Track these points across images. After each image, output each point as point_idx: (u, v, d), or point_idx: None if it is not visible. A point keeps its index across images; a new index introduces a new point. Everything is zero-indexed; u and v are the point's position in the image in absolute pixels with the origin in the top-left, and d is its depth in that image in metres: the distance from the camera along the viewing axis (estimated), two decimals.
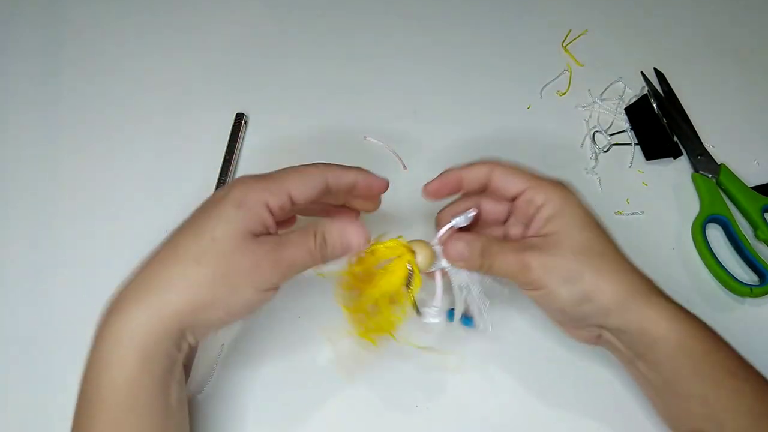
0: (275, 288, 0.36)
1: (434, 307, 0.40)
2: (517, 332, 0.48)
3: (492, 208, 0.42)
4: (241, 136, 0.56)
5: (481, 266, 0.39)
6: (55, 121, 0.57)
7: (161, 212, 0.52)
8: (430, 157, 0.56)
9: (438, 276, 0.41)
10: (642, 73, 0.62)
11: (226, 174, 0.53)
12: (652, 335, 0.36)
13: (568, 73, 0.62)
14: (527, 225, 0.40)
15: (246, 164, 0.55)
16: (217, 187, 0.52)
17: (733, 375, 0.36)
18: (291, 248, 0.35)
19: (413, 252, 0.39)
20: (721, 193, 0.54)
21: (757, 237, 0.53)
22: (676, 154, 0.57)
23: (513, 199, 0.40)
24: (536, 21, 0.65)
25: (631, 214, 0.54)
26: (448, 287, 0.42)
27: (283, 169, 0.37)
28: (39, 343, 0.47)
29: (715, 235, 0.54)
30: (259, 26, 0.63)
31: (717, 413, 0.36)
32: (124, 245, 0.51)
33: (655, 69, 0.62)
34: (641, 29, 0.65)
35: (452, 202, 0.43)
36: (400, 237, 0.40)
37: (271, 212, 0.35)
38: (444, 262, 0.40)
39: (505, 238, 0.43)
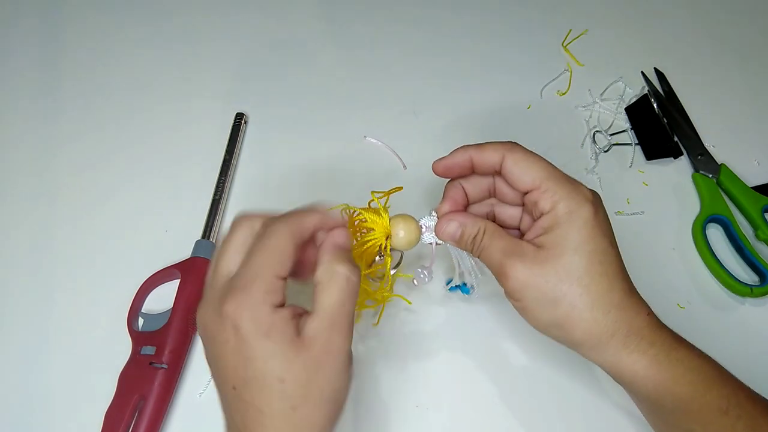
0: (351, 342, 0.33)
1: (424, 268, 0.41)
2: (519, 330, 0.48)
3: (508, 192, 0.39)
4: (241, 136, 0.56)
5: (472, 251, 0.38)
6: (55, 122, 0.57)
7: (161, 212, 0.52)
8: (430, 157, 0.55)
9: (433, 245, 0.40)
10: (642, 73, 0.62)
11: (226, 174, 0.53)
12: (626, 378, 0.35)
13: (568, 73, 0.62)
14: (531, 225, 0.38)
15: (246, 164, 0.55)
16: (217, 186, 0.52)
17: (725, 413, 0.34)
18: (333, 303, 0.32)
19: (388, 236, 0.38)
20: (722, 193, 0.54)
21: (757, 237, 0.53)
22: (676, 154, 0.57)
23: (525, 193, 0.37)
24: (536, 21, 0.65)
25: (631, 214, 0.54)
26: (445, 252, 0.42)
27: (256, 254, 0.32)
28: (38, 343, 0.47)
29: (716, 235, 0.54)
30: (259, 26, 0.63)
31: None
32: (124, 245, 0.51)
33: (656, 69, 0.62)
34: (641, 29, 0.65)
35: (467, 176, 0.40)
36: (388, 207, 0.39)
37: (283, 305, 0.32)
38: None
39: (518, 223, 0.40)
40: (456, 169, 0.39)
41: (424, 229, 0.40)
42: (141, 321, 0.47)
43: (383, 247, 0.39)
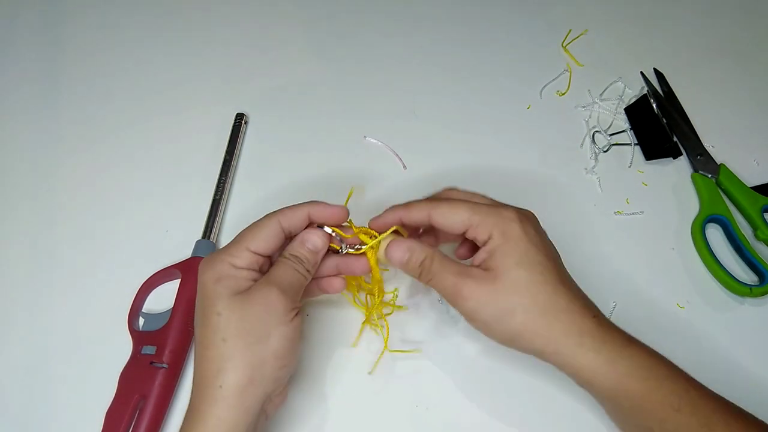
0: (296, 309, 0.37)
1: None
2: None
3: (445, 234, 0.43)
4: (241, 136, 0.56)
5: (420, 277, 0.40)
6: (55, 122, 0.57)
7: (161, 212, 0.52)
8: (430, 157, 0.56)
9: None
10: (642, 73, 0.62)
11: (226, 174, 0.53)
12: (585, 377, 0.37)
13: (568, 73, 0.62)
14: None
15: (246, 164, 0.55)
16: (217, 186, 0.52)
17: (678, 410, 0.35)
18: (276, 274, 0.38)
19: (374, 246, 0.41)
20: (721, 193, 0.55)
21: (756, 237, 0.53)
22: (675, 154, 0.57)
23: (463, 234, 0.40)
24: (536, 21, 0.65)
25: (631, 214, 0.54)
26: None
27: (242, 231, 0.39)
28: (39, 343, 0.47)
29: (715, 235, 0.54)
30: (260, 26, 0.63)
31: None
32: (124, 245, 0.51)
33: (655, 69, 0.62)
34: (641, 29, 0.65)
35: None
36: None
37: (245, 268, 0.38)
38: None
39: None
40: (389, 228, 0.41)
41: None
42: (141, 321, 0.47)
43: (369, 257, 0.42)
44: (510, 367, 0.46)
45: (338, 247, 0.41)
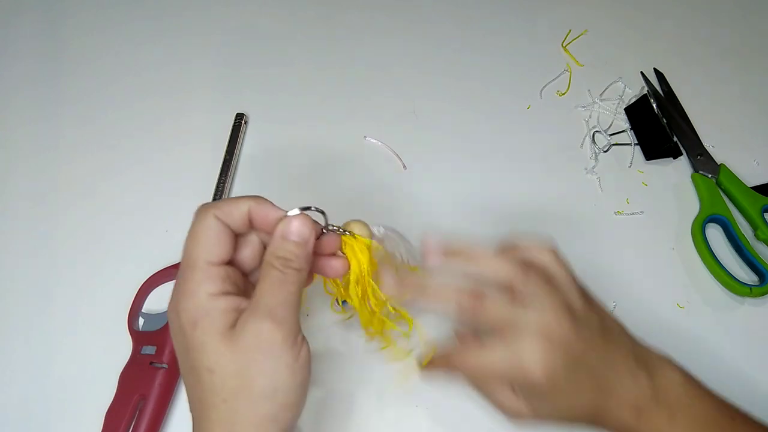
0: (299, 335, 0.31)
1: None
2: None
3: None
4: (241, 136, 0.56)
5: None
6: (54, 122, 0.57)
7: (161, 212, 0.52)
8: (430, 157, 0.56)
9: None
10: (642, 73, 0.62)
11: (226, 174, 0.53)
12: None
13: (568, 73, 0.62)
14: None
15: (246, 164, 0.55)
16: (218, 187, 0.52)
17: None
18: (263, 294, 0.31)
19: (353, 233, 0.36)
20: (721, 193, 0.55)
21: (756, 237, 0.53)
22: (675, 154, 0.57)
23: None
24: (536, 21, 0.65)
25: (631, 214, 0.54)
26: None
27: (185, 247, 0.33)
28: (39, 343, 0.47)
29: (715, 235, 0.54)
30: (260, 27, 0.63)
31: None
32: (124, 245, 0.51)
33: (655, 69, 0.62)
34: (641, 29, 0.65)
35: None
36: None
37: (222, 293, 0.31)
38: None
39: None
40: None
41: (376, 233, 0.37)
42: (141, 321, 0.47)
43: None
44: None
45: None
